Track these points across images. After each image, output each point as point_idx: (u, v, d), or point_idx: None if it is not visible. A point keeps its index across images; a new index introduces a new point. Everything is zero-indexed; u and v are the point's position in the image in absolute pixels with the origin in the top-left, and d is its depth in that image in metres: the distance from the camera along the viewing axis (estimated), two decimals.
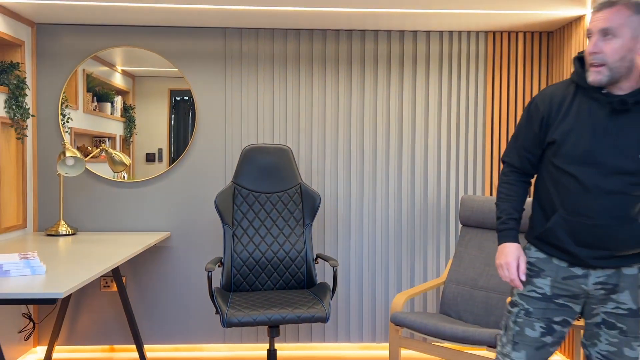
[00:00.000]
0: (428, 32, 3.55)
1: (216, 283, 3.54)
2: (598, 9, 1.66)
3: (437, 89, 3.58)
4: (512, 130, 3.59)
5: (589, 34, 1.69)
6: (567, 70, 3.33)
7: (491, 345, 2.64)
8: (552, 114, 1.78)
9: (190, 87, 3.52)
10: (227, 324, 2.54)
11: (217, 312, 2.66)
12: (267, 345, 3.55)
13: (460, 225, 3.53)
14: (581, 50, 3.12)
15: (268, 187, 3.13)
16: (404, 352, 3.54)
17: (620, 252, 1.71)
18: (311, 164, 3.56)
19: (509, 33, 3.56)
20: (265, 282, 3.05)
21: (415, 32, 3.55)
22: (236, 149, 3.54)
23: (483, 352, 3.02)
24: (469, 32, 3.56)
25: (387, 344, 3.56)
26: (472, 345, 2.70)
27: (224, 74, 3.53)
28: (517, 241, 1.88)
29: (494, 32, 3.56)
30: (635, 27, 1.61)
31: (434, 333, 2.80)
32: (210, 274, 2.72)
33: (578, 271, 1.78)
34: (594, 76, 1.67)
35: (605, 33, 1.64)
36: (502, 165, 3.41)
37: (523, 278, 1.84)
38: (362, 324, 3.59)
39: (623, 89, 1.69)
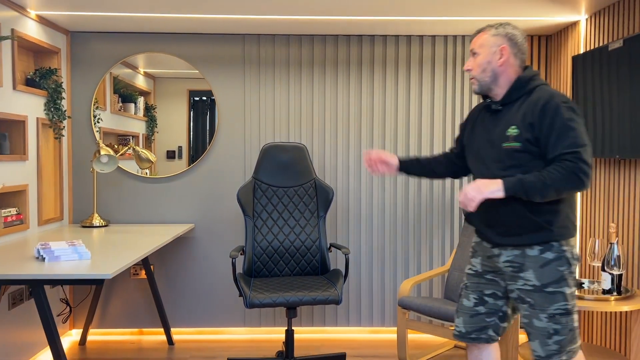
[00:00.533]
0: (434, 37, 3.79)
1: (238, 269, 3.81)
2: (472, 37, 2.20)
3: (442, 89, 3.81)
4: None
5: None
6: (565, 70, 3.55)
7: None
8: (467, 125, 2.25)
9: (212, 89, 3.79)
10: (249, 305, 2.81)
11: (240, 295, 2.94)
12: (284, 329, 3.82)
13: (463, 217, 3.78)
14: (577, 52, 3.35)
15: (285, 181, 3.40)
16: (411, 336, 3.79)
17: (513, 229, 2.03)
18: (324, 160, 3.82)
19: None
20: (283, 269, 3.32)
21: (421, 37, 3.79)
22: (254, 147, 3.81)
23: None
24: (472, 36, 3.79)
25: (396, 328, 3.82)
26: None
27: (243, 77, 3.79)
28: (396, 157, 2.37)
29: None
30: (491, 45, 2.09)
31: (438, 315, 3.05)
32: (234, 261, 2.99)
33: (495, 251, 2.10)
34: (473, 87, 2.16)
35: (473, 53, 2.14)
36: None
37: (371, 156, 2.35)
38: (372, 309, 3.85)
39: (498, 95, 2.10)
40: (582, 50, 3.34)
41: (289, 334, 3.05)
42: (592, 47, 3.21)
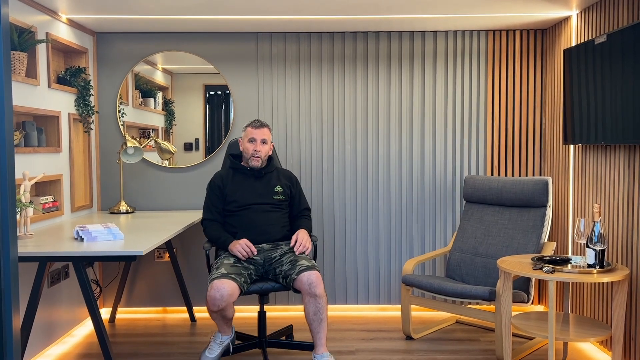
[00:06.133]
0: (435, 32, 4.02)
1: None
2: (258, 126, 3.18)
3: (444, 82, 4.05)
4: (510, 118, 4.05)
5: (253, 140, 3.16)
6: (558, 62, 3.77)
7: (485, 299, 3.14)
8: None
9: (228, 84, 4.05)
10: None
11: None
12: (283, 307, 4.10)
13: (464, 202, 4.03)
14: (568, 46, 3.56)
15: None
16: (415, 313, 4.05)
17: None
18: (333, 149, 4.08)
19: (507, 31, 4.01)
20: None
21: (424, 32, 4.02)
22: None
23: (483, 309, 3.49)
24: (471, 31, 4.01)
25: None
26: (469, 299, 3.20)
27: (257, 73, 4.05)
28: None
29: (494, 31, 4.01)
30: (271, 139, 3.24)
31: (438, 290, 3.31)
32: (207, 252, 3.17)
33: None
34: (256, 163, 3.17)
35: (263, 141, 3.17)
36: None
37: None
38: (379, 288, 4.12)
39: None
40: (573, 44, 3.56)
41: (261, 315, 3.23)
42: (582, 41, 3.43)
